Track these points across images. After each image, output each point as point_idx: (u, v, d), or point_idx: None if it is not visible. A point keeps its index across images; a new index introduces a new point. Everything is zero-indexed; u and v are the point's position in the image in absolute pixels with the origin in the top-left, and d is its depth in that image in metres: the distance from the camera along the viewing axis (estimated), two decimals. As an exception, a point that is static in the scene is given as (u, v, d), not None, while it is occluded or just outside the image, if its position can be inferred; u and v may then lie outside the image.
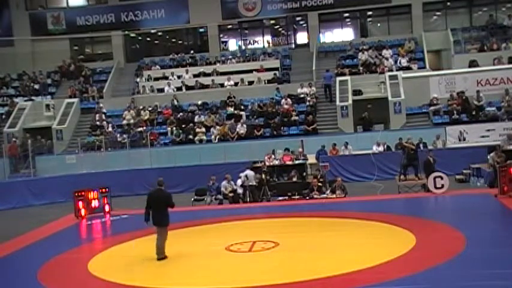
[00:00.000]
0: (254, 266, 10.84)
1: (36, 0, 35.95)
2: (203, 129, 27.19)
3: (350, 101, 26.96)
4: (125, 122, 28.73)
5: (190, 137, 26.99)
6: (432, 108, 26.21)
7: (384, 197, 18.17)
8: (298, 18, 34.41)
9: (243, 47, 34.18)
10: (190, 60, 33.02)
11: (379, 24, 34.31)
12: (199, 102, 29.37)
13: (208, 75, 31.29)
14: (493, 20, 31.24)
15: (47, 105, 30.15)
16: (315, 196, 18.10)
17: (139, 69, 33.07)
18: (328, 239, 12.50)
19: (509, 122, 24.15)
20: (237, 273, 10.40)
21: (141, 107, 29.40)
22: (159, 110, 29.43)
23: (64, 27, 35.18)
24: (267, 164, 20.60)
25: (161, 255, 11.56)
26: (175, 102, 29.45)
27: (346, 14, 33.83)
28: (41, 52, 34.85)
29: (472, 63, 28.20)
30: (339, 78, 28.52)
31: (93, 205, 17.65)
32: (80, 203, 17.26)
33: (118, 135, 27.72)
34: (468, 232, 11.76)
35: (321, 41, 33.42)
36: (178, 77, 31.20)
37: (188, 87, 30.70)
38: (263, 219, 15.78)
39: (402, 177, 18.77)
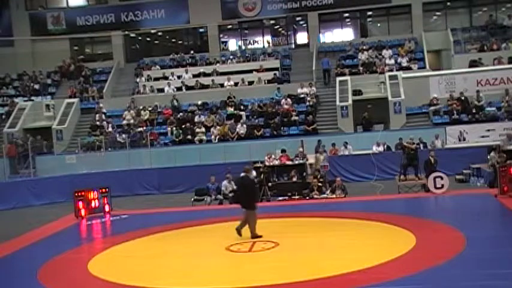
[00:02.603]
0: (254, 266, 10.83)
1: (36, 0, 35.93)
2: (203, 129, 27.19)
3: (350, 101, 26.96)
4: (124, 122, 28.73)
5: (189, 137, 26.97)
6: (432, 108, 26.21)
7: (384, 197, 18.17)
8: (298, 18, 34.41)
9: (243, 47, 34.18)
10: (190, 60, 33.02)
11: (379, 24, 34.32)
12: (199, 102, 29.36)
13: (208, 75, 31.29)
14: (492, 20, 31.24)
15: (47, 105, 30.14)
16: (315, 196, 18.10)
17: (139, 69, 33.06)
18: (328, 239, 12.50)
19: (509, 122, 24.16)
20: (237, 273, 10.39)
21: (141, 107, 29.39)
22: (159, 110, 29.43)
23: (64, 27, 35.19)
24: (267, 164, 20.60)
25: (254, 235, 12.63)
26: (175, 103, 29.44)
27: (346, 14, 33.84)
28: (41, 52, 34.86)
29: (473, 64, 28.22)
30: (339, 78, 28.53)
31: (93, 205, 17.63)
32: (80, 203, 17.24)
33: (117, 135, 27.72)
34: (468, 232, 11.75)
35: (321, 41, 33.42)
36: (178, 77, 31.20)
37: (188, 87, 30.70)
38: (263, 219, 15.74)
39: (402, 177, 18.77)
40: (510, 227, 12.87)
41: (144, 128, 27.80)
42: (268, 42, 34.49)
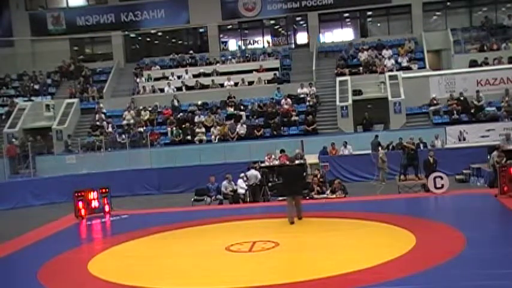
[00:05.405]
0: (254, 266, 10.83)
1: (36, 1, 35.96)
2: (203, 129, 27.18)
3: (350, 101, 26.97)
4: (124, 122, 28.73)
5: (189, 137, 26.96)
6: (432, 108, 26.22)
7: (384, 197, 18.16)
8: (298, 18, 34.42)
9: (243, 47, 34.18)
10: (190, 60, 33.02)
11: (379, 24, 34.32)
12: (199, 102, 29.36)
13: (208, 75, 31.30)
14: (488, 20, 31.23)
15: (47, 106, 30.14)
16: (315, 196, 18.09)
17: (139, 69, 33.05)
18: (328, 239, 12.49)
19: (509, 122, 24.17)
20: (237, 273, 10.38)
21: (141, 107, 29.40)
22: (159, 110, 29.43)
23: (64, 27, 35.20)
24: (267, 164, 20.59)
25: (291, 220, 14.03)
26: (175, 103, 29.44)
27: (346, 14, 33.86)
28: (41, 52, 34.86)
29: (473, 64, 28.22)
30: (338, 79, 28.53)
31: (93, 205, 17.62)
32: (80, 203, 17.21)
33: (117, 135, 27.71)
34: (468, 232, 11.73)
35: (321, 41, 33.43)
36: (178, 77, 31.21)
37: (188, 87, 30.71)
38: (263, 219, 15.76)
39: (402, 177, 18.77)
40: (510, 227, 12.87)
41: (144, 128, 27.80)
42: (268, 42, 34.49)
